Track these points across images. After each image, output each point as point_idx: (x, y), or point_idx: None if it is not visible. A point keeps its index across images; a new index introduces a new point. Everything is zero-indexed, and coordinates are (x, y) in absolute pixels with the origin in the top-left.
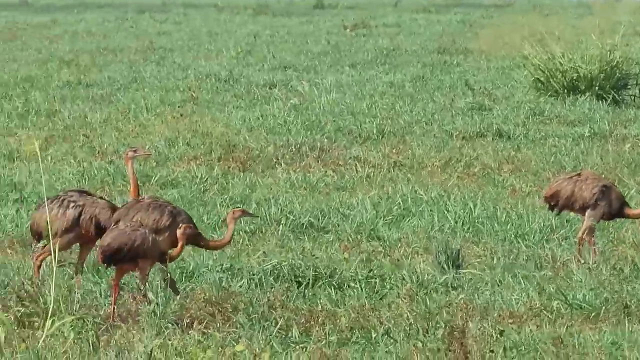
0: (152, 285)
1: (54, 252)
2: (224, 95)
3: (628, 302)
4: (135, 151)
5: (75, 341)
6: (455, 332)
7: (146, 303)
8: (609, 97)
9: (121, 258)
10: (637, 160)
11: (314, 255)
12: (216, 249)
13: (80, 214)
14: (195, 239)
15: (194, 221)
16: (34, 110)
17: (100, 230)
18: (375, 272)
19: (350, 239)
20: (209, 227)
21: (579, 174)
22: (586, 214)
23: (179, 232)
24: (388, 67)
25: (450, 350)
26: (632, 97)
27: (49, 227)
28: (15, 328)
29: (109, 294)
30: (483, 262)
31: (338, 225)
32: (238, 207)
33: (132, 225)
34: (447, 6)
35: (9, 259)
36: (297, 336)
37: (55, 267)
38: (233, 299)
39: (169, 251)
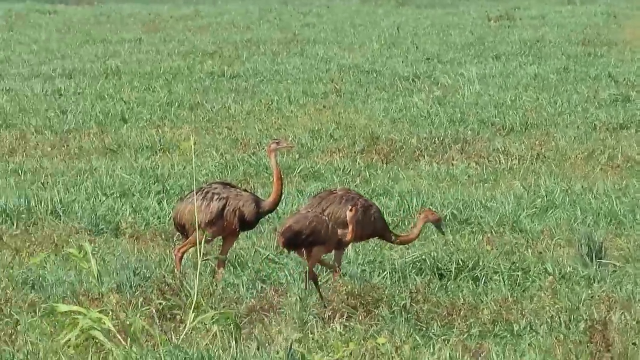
0: (293, 278)
1: (198, 244)
2: (367, 87)
3: None
4: (278, 143)
5: (217, 334)
6: (597, 325)
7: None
8: None
9: (300, 242)
10: None
11: (456, 247)
12: (403, 244)
13: (224, 207)
14: (384, 233)
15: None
16: (177, 102)
17: (244, 223)
18: (517, 264)
19: (493, 231)
20: None
21: None
22: None
23: (348, 214)
24: (532, 59)
25: (592, 343)
26: None
27: (192, 220)
28: (157, 321)
29: (250, 287)
30: (626, 254)
31: (480, 218)
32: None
33: (314, 211)
34: None
35: (151, 252)
36: (438, 329)
37: (200, 260)
38: (375, 292)
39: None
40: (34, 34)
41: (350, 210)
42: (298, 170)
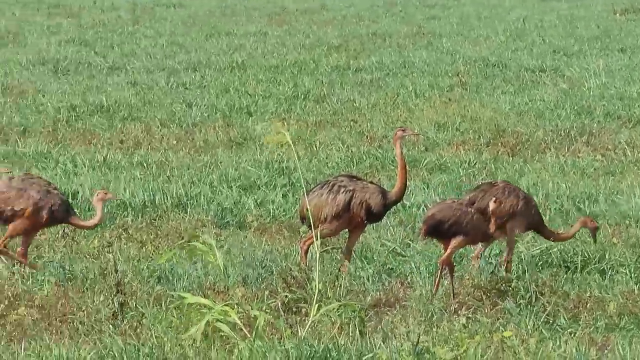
0: (419, 271)
1: (328, 236)
2: (493, 79)
3: None
4: (404, 130)
5: (342, 327)
6: None
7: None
8: None
9: (441, 231)
10: None
11: (582, 240)
12: (558, 240)
13: (350, 199)
14: (541, 227)
15: None
16: (302, 95)
17: (371, 215)
18: None
19: (619, 224)
20: None
21: None
22: None
23: (491, 205)
24: None
25: None
26: None
27: (318, 212)
28: (283, 314)
29: (375, 279)
30: None
31: (606, 210)
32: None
33: (459, 201)
34: None
35: (277, 245)
36: (565, 322)
37: (318, 252)
38: (501, 284)
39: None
40: (159, 27)
41: (494, 202)
42: (424, 163)
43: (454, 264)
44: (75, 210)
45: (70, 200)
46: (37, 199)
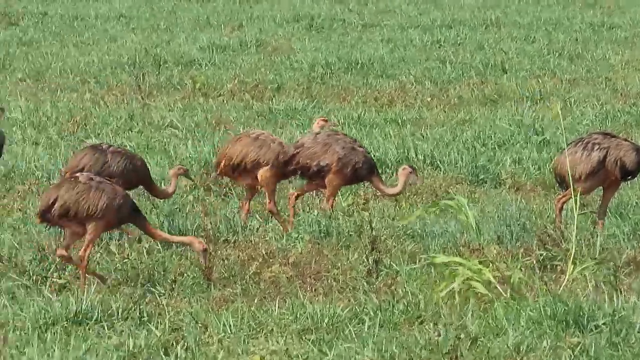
0: None
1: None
2: None
3: None
4: None
5: (597, 285)
6: None
7: None
8: None
9: None
10: None
11: None
12: None
13: (605, 157)
14: None
15: None
16: (557, 52)
17: (626, 172)
18: None
19: None
20: None
21: None
22: None
23: None
24: None
25: None
26: None
27: (572, 170)
28: (538, 272)
29: (630, 237)
30: None
31: None
32: None
33: None
34: None
35: (531, 203)
36: None
37: (577, 211)
38: None
39: None
40: None
41: None
42: None
43: None
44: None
45: None
46: (342, 155)
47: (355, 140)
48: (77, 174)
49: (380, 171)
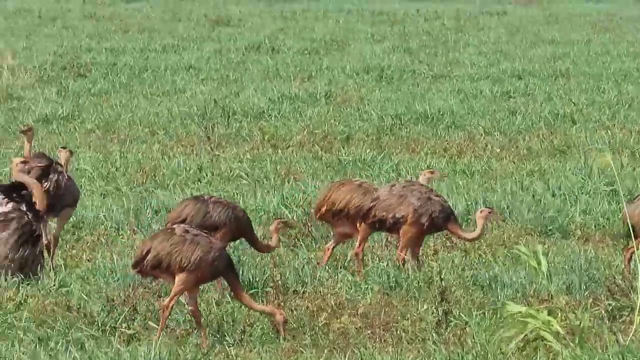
0: None
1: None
2: None
3: None
4: None
5: None
6: None
7: None
8: None
9: None
10: None
11: None
12: None
13: None
14: None
15: None
16: (626, 103)
17: None
18: None
19: None
20: None
21: None
22: None
23: None
24: None
25: None
26: None
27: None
28: (607, 321)
29: None
30: None
31: None
32: None
33: None
34: None
35: (600, 253)
36: None
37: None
38: None
39: None
40: (483, 35)
41: None
42: None
43: None
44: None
45: None
46: (417, 206)
47: (432, 189)
48: (174, 226)
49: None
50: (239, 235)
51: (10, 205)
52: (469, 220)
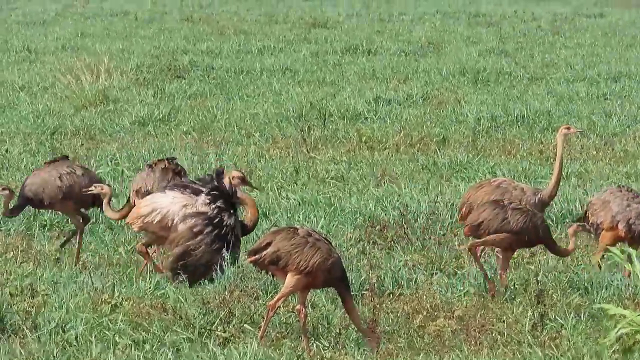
0: None
1: None
2: None
3: None
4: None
5: None
6: None
7: None
8: None
9: None
10: None
11: None
12: None
13: None
14: None
15: None
16: None
17: None
18: None
19: None
20: None
21: None
22: None
23: None
24: None
25: None
26: None
27: None
28: None
29: None
30: None
31: None
32: None
33: None
34: None
35: None
36: None
37: None
38: None
39: None
40: (579, 37)
41: None
42: None
43: None
44: None
45: None
46: (616, 212)
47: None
48: (297, 227)
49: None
50: (536, 242)
51: (211, 206)
52: (565, 223)
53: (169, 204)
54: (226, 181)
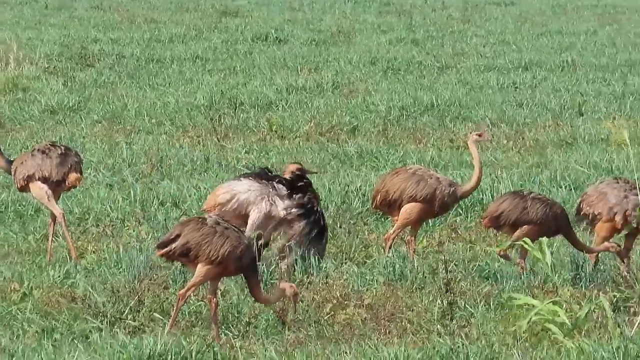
0: None
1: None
2: None
3: None
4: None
5: None
6: None
7: None
8: None
9: None
10: None
11: None
12: None
13: None
14: None
15: None
16: (632, 95)
17: None
18: None
19: None
20: None
21: None
22: None
23: None
24: None
25: None
26: None
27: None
28: (612, 313)
29: None
30: None
31: None
32: None
33: None
34: None
35: None
36: None
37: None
38: None
39: None
40: (489, 26)
41: None
42: None
43: None
44: None
45: None
46: (613, 204)
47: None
48: (206, 216)
49: (453, 212)
50: (555, 232)
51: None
52: (474, 211)
53: (247, 192)
54: (287, 174)
